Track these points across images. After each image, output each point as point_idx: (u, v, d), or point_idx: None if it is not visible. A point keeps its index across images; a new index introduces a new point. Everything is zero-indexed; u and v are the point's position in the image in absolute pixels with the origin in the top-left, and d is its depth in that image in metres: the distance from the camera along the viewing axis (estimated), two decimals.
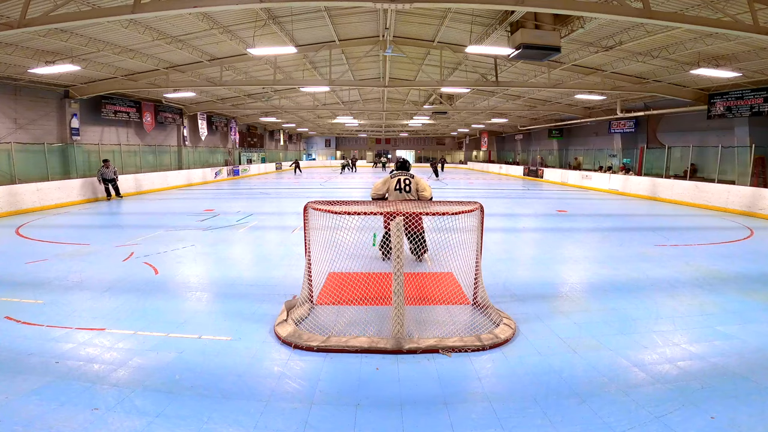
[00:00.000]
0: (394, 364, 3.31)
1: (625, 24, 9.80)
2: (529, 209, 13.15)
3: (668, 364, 3.31)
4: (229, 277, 5.57)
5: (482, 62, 15.02)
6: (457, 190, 19.99)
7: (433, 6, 8.94)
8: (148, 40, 10.81)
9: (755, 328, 4.00)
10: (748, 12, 7.40)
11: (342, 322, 4.00)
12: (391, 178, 6.19)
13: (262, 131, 36.47)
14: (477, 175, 33.30)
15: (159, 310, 4.39)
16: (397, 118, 30.38)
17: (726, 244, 7.86)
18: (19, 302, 4.52)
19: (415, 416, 2.68)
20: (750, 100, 13.06)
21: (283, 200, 15.04)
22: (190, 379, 3.05)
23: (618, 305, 4.59)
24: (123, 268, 5.87)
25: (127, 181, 15.76)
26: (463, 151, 49.05)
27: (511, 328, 3.84)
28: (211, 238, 8.04)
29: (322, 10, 10.60)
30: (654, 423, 2.59)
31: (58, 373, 3.11)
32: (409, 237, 5.54)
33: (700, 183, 14.00)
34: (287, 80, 16.96)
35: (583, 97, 17.55)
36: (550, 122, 27.07)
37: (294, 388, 2.97)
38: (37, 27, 7.38)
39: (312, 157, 49.79)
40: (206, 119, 24.22)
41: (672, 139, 18.19)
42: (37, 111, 13.79)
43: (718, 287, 5.22)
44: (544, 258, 6.83)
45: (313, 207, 4.05)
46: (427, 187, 6.20)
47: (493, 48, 10.55)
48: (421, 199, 6.05)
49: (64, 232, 8.60)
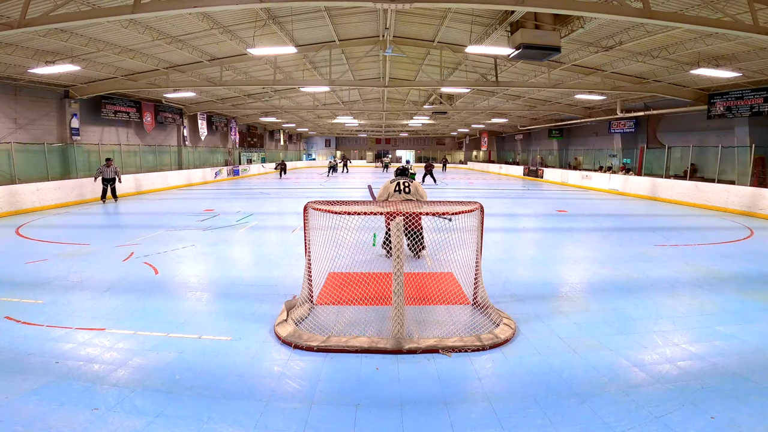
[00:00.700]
0: (394, 364, 3.30)
1: (625, 24, 9.80)
2: (529, 209, 13.15)
3: (668, 364, 3.31)
4: (229, 277, 5.57)
5: (482, 62, 15.01)
6: (457, 190, 19.99)
7: (433, 6, 8.94)
8: (148, 40, 10.81)
9: (755, 328, 4.00)
10: (748, 12, 7.40)
11: (342, 322, 4.00)
12: (390, 183, 6.42)
13: (262, 131, 36.47)
14: (477, 175, 33.31)
15: (159, 310, 4.39)
16: (397, 118, 30.38)
17: (726, 244, 7.86)
18: (19, 302, 4.52)
19: (415, 416, 2.68)
20: (750, 100, 13.05)
21: (283, 200, 15.03)
22: (190, 379, 3.05)
23: (618, 305, 4.59)
24: (123, 268, 5.87)
25: (127, 181, 15.74)
26: (463, 151, 49.06)
27: (511, 328, 3.84)
28: (211, 238, 8.04)
29: (322, 10, 10.60)
30: (654, 423, 2.59)
31: (58, 373, 3.11)
32: (407, 235, 5.59)
33: (700, 183, 14.00)
34: (287, 80, 16.96)
35: (583, 97, 17.55)
36: (550, 122, 27.07)
37: (294, 388, 2.97)
38: (37, 27, 7.38)
39: (312, 157, 49.79)
40: (206, 119, 24.22)
41: (672, 139, 18.19)
42: (37, 111, 13.79)
43: (718, 287, 5.22)
44: (544, 258, 6.83)
45: (313, 207, 4.05)
46: (425, 194, 6.46)
47: (493, 48, 10.55)
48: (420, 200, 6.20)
49: (64, 232, 8.60)
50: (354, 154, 51.71)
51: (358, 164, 48.36)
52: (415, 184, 6.40)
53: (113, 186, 13.28)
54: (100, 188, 13.24)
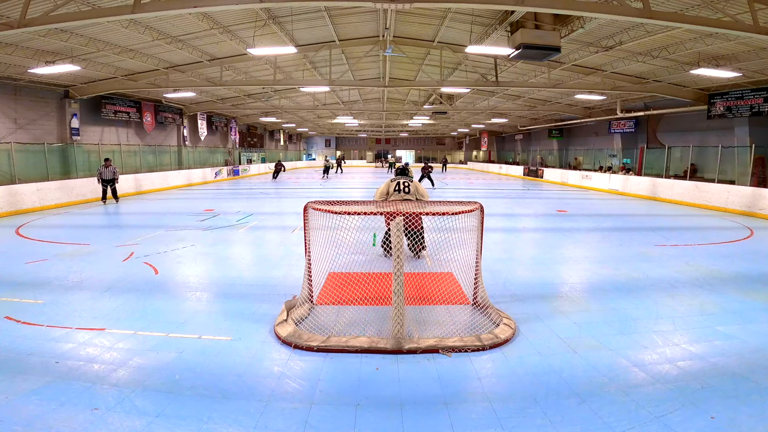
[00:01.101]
0: (394, 364, 3.30)
1: (625, 24, 9.80)
2: (529, 209, 13.14)
3: (668, 364, 3.31)
4: (229, 277, 5.57)
5: (482, 62, 15.01)
6: (457, 190, 19.99)
7: (433, 6, 8.94)
8: (148, 40, 10.81)
9: (755, 328, 4.00)
10: (748, 12, 7.40)
11: (342, 322, 4.00)
12: (390, 182, 6.43)
13: (262, 131, 36.47)
14: (477, 175, 33.31)
15: (159, 310, 4.39)
16: (397, 118, 30.37)
17: (726, 244, 7.86)
18: (19, 302, 4.52)
19: (415, 416, 2.68)
20: (750, 100, 13.05)
21: (283, 200, 15.03)
22: (190, 379, 3.05)
23: (618, 305, 4.59)
24: (123, 268, 5.87)
25: (127, 181, 15.76)
26: (463, 151, 49.05)
27: (511, 328, 3.84)
28: (211, 238, 8.04)
29: (322, 10, 10.60)
30: (654, 423, 2.59)
31: (58, 373, 3.11)
32: (408, 235, 5.59)
33: (700, 183, 14.00)
34: (287, 80, 16.96)
35: (583, 97, 17.54)
36: (550, 122, 27.07)
37: (294, 388, 2.97)
38: (37, 27, 7.38)
39: (312, 157, 49.84)
40: (206, 119, 24.23)
41: (672, 139, 18.19)
42: (37, 111, 13.79)
43: (718, 287, 5.22)
44: (544, 258, 6.83)
45: (313, 207, 4.05)
46: (425, 193, 6.46)
47: (493, 48, 10.55)
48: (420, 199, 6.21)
49: (64, 232, 8.60)
50: (354, 154, 51.74)
51: (359, 164, 48.36)
52: (415, 184, 6.42)
53: (113, 187, 13.14)
54: (100, 188, 13.17)
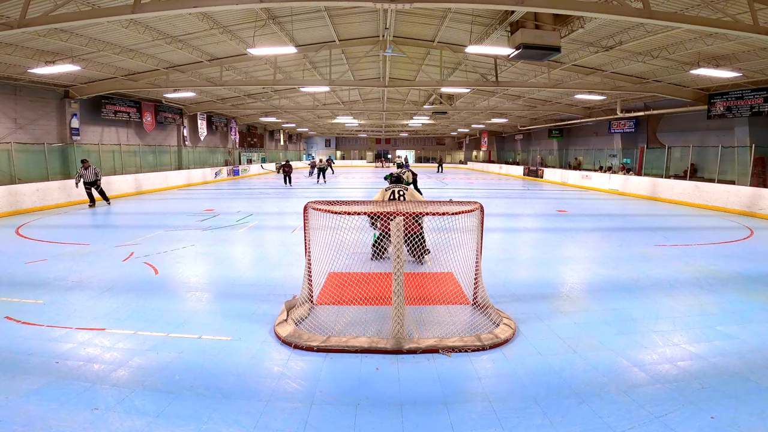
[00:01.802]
0: (394, 364, 3.30)
1: (625, 24, 9.80)
2: (529, 209, 13.14)
3: (668, 364, 3.31)
4: (229, 277, 5.57)
5: (482, 62, 15.01)
6: (457, 190, 19.99)
7: (433, 6, 8.94)
8: (148, 40, 10.81)
9: (755, 328, 4.00)
10: (748, 12, 7.40)
11: (342, 322, 3.99)
12: (385, 191, 6.29)
13: (262, 131, 36.46)
14: (477, 175, 33.29)
15: (159, 310, 4.39)
16: (397, 118, 30.37)
17: (726, 244, 7.86)
18: (19, 302, 4.52)
19: (415, 416, 2.68)
20: (750, 100, 13.05)
21: (283, 200, 15.03)
22: (190, 379, 3.05)
23: (618, 305, 4.59)
24: (123, 268, 5.86)
25: (127, 181, 15.78)
26: (463, 151, 49.04)
27: (511, 328, 3.84)
28: (211, 238, 8.03)
29: (322, 10, 10.60)
30: (654, 423, 2.59)
31: (58, 373, 3.11)
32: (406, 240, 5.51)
33: (700, 183, 14.00)
34: (287, 80, 16.96)
35: (583, 97, 17.55)
36: (550, 122, 27.07)
37: (294, 388, 2.97)
38: (37, 27, 7.38)
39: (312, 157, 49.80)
40: (206, 119, 24.23)
41: (672, 139, 18.19)
42: (37, 111, 13.79)
43: (718, 287, 5.22)
44: (544, 258, 6.83)
45: (313, 207, 4.05)
46: (422, 200, 6.36)
47: (493, 48, 10.54)
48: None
49: (64, 232, 8.60)
50: (354, 154, 51.75)
51: (358, 165, 48.32)
52: (411, 192, 6.31)
53: (100, 189, 12.14)
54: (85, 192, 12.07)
